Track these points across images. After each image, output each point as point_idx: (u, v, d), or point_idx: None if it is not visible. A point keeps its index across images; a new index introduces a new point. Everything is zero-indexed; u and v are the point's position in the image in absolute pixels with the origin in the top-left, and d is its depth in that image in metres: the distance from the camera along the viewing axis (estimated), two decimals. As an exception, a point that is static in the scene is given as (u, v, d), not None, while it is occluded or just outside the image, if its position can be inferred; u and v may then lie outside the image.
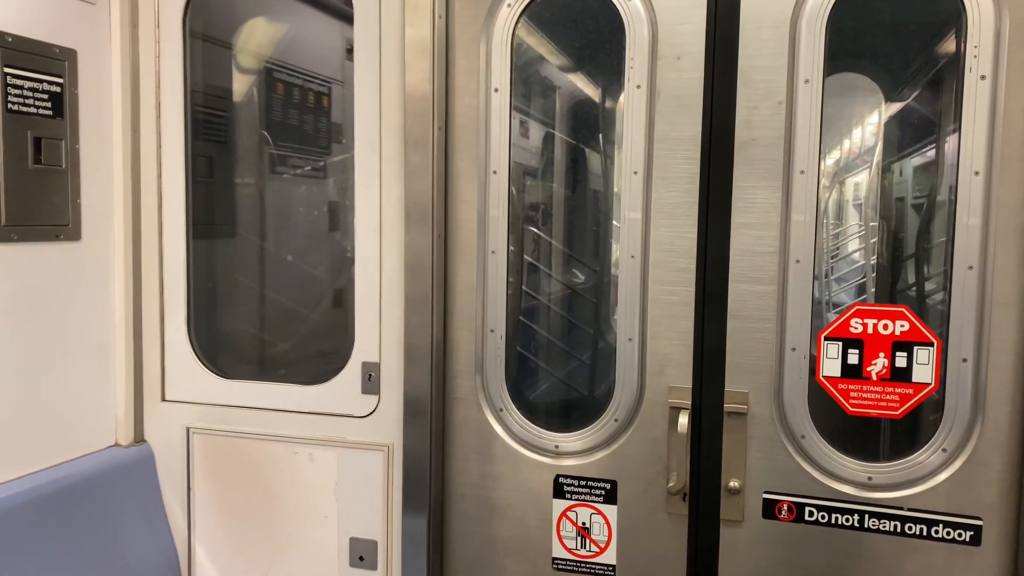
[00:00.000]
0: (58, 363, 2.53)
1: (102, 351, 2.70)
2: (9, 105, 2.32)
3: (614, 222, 2.47)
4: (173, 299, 2.79)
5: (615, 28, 2.37)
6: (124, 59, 2.68)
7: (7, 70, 2.31)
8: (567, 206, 3.31)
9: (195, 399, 2.79)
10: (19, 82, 2.34)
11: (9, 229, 2.33)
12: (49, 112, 2.45)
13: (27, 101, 2.38)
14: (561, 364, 3.10)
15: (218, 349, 2.96)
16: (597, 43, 2.68)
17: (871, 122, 2.83)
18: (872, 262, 2.86)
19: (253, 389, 2.74)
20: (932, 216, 2.55)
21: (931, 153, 2.60)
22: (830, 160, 2.70)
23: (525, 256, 3.06)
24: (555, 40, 2.78)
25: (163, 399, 2.82)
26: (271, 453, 2.71)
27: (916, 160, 2.70)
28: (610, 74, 2.70)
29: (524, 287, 3.03)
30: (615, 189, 2.46)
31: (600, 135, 3.15)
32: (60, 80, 2.48)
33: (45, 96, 2.43)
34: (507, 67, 2.46)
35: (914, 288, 2.65)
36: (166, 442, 2.81)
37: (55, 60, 2.46)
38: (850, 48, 2.49)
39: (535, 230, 3.15)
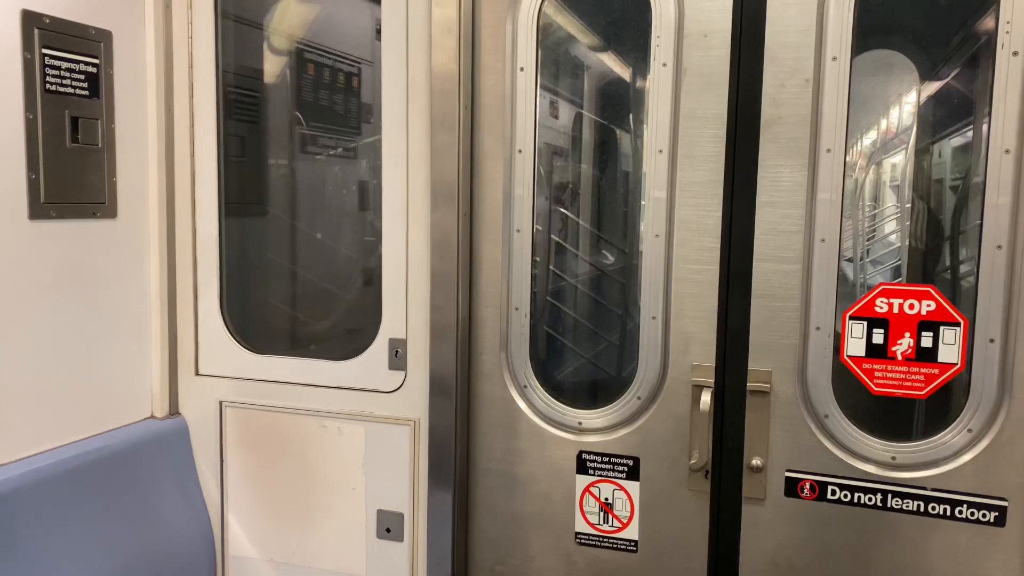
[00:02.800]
0: (96, 337, 2.61)
1: (138, 326, 2.78)
2: (48, 85, 2.38)
3: (642, 202, 2.48)
4: (206, 276, 2.85)
5: (641, 6, 2.37)
6: (158, 40, 2.73)
7: (45, 51, 2.37)
8: (593, 186, 3.31)
9: (228, 373, 2.86)
10: (57, 63, 2.40)
11: (48, 206, 2.40)
12: (86, 92, 2.51)
13: (64, 81, 2.44)
14: (585, 343, 3.12)
15: (250, 325, 3.02)
16: (623, 21, 2.67)
17: (907, 101, 2.79)
18: (905, 244, 2.83)
19: (284, 364, 2.80)
20: (966, 198, 2.52)
21: (967, 133, 2.56)
22: (866, 140, 2.67)
23: (552, 236, 3.07)
24: (581, 19, 2.78)
25: (197, 373, 2.89)
26: (301, 426, 2.77)
27: (951, 141, 2.66)
28: (636, 53, 2.69)
29: (550, 267, 3.04)
30: (641, 171, 2.46)
31: (626, 114, 3.15)
32: (96, 61, 2.54)
33: (82, 76, 2.49)
34: (533, 46, 2.47)
35: (947, 271, 2.63)
36: (200, 415, 2.89)
37: (91, 41, 2.52)
38: (882, 24, 2.45)
39: (562, 210, 3.16)
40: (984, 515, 2.19)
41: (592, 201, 3.27)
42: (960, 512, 2.20)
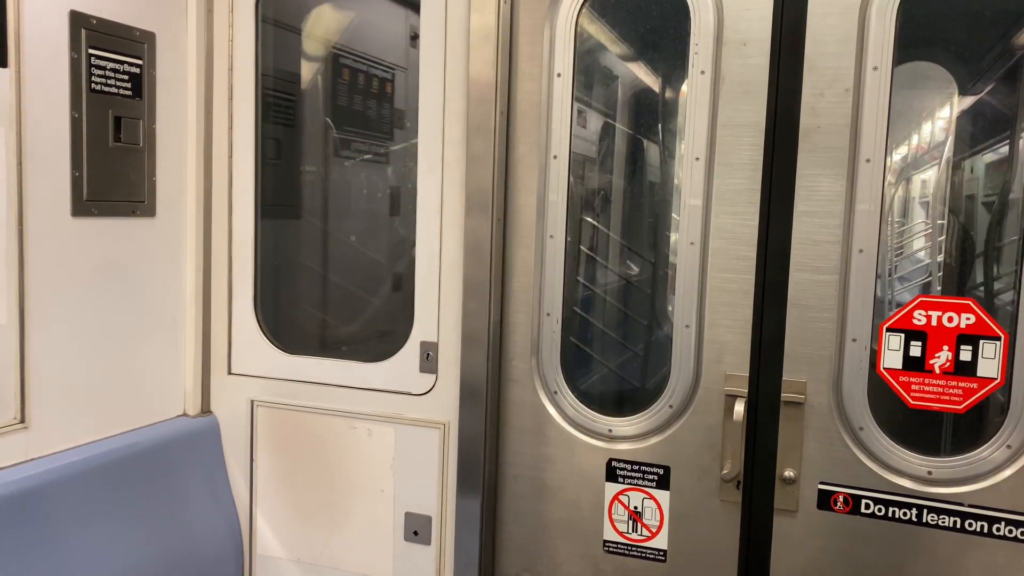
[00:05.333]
0: (132, 334, 2.64)
1: (173, 324, 2.81)
2: (93, 85, 2.42)
3: (673, 214, 2.47)
4: (241, 276, 2.88)
5: (680, 14, 2.37)
6: (199, 42, 2.77)
7: (91, 51, 2.41)
8: (625, 195, 3.31)
9: (260, 373, 2.88)
10: (102, 63, 2.45)
11: (90, 204, 2.44)
12: (129, 92, 2.55)
13: (109, 82, 2.48)
14: (616, 350, 3.11)
15: (282, 325, 3.04)
16: (661, 29, 2.68)
17: (945, 114, 2.77)
18: (939, 260, 2.80)
19: (315, 365, 2.82)
20: (1004, 214, 2.49)
21: (1007, 147, 2.53)
22: (898, 155, 2.65)
23: (581, 246, 3.07)
24: (618, 26, 2.79)
25: (229, 372, 2.91)
26: (331, 427, 2.78)
27: (990, 155, 2.63)
28: (673, 61, 2.69)
29: (580, 277, 3.04)
30: (675, 179, 2.45)
31: (660, 123, 3.14)
32: (139, 62, 2.58)
33: (125, 77, 2.53)
34: (570, 52, 2.48)
35: (982, 287, 2.59)
36: (231, 414, 2.91)
37: (135, 42, 2.56)
38: (923, 36, 2.44)
39: (592, 220, 3.16)
40: (1023, 533, 2.15)
41: (624, 212, 3.27)
42: (998, 529, 2.17)
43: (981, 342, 2.16)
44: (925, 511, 2.22)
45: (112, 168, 2.51)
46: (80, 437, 2.48)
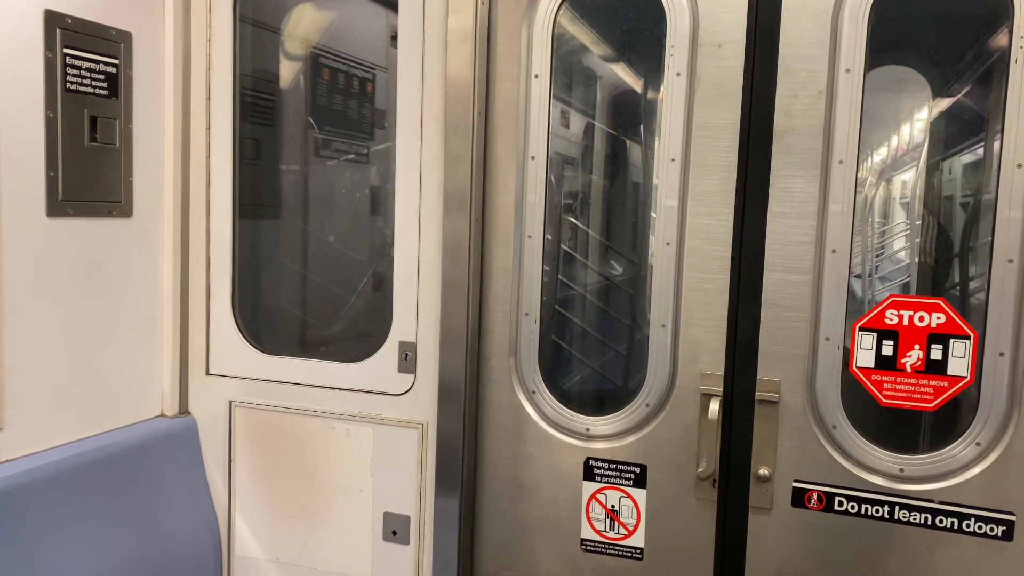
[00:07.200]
0: (109, 335, 2.63)
1: (150, 325, 2.80)
2: (68, 84, 2.41)
3: (652, 213, 2.49)
4: (219, 276, 2.87)
5: (656, 16, 2.38)
6: (177, 42, 2.76)
7: (67, 51, 2.40)
8: (604, 195, 3.33)
9: (238, 373, 2.87)
10: (78, 63, 2.43)
11: (65, 204, 2.43)
12: (105, 92, 2.54)
13: (84, 81, 2.47)
14: (594, 350, 3.13)
15: (261, 326, 3.04)
16: (637, 31, 2.70)
17: (919, 117, 2.80)
18: (915, 260, 2.84)
19: (294, 365, 2.82)
20: (977, 213, 2.53)
21: (978, 149, 2.57)
22: (877, 155, 2.68)
23: (562, 245, 3.09)
24: (596, 28, 2.80)
25: (207, 373, 2.91)
26: (310, 427, 2.78)
27: (962, 156, 2.67)
28: (650, 62, 2.71)
29: (559, 275, 3.05)
30: (652, 180, 2.47)
31: (638, 124, 3.16)
32: (116, 61, 2.57)
33: (101, 77, 2.52)
34: (548, 53, 2.49)
35: (957, 287, 2.63)
36: (209, 414, 2.91)
37: (112, 42, 2.55)
38: (895, 39, 2.46)
39: (572, 219, 3.17)
40: (992, 529, 2.18)
41: (603, 209, 3.29)
42: (968, 526, 2.20)
43: (951, 341, 2.19)
44: (897, 508, 2.25)
45: (88, 168, 2.50)
46: (57, 438, 2.47)
